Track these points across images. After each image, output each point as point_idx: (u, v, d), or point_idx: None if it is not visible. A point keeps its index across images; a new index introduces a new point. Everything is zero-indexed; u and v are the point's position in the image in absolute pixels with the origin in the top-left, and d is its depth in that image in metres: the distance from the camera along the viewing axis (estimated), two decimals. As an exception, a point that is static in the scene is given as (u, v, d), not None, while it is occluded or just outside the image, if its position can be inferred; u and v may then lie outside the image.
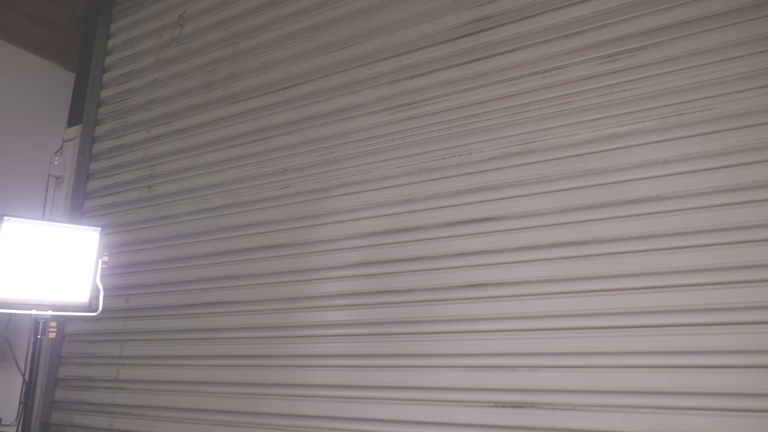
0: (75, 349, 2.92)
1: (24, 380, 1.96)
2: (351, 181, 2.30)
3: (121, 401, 2.67)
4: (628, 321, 1.71)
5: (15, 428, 2.66)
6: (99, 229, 2.10)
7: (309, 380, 2.20)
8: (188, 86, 2.89)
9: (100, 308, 2.06)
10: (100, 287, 2.06)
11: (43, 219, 1.94)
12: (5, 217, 1.90)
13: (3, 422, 2.90)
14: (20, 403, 2.00)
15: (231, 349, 2.42)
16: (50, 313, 1.96)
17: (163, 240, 2.77)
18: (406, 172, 2.19)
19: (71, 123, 3.46)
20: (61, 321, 2.98)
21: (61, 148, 3.42)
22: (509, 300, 1.90)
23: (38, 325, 1.95)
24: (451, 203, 2.07)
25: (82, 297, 2.02)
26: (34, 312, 1.93)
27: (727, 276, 1.62)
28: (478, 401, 1.88)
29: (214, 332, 2.49)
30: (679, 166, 1.74)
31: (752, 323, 1.56)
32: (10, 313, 1.99)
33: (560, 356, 1.79)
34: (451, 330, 1.97)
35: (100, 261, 2.06)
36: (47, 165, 3.34)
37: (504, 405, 1.83)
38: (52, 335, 1.99)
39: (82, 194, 3.16)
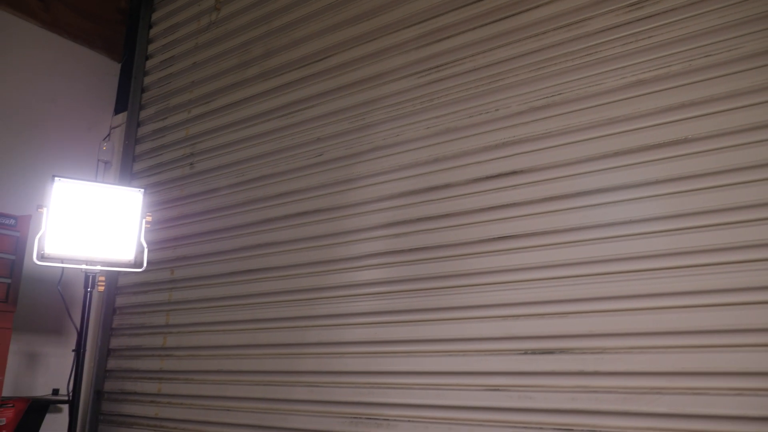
0: (125, 321, 3.06)
1: (76, 329, 2.08)
2: (381, 145, 2.36)
3: (168, 367, 2.79)
4: (655, 264, 1.71)
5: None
6: (142, 190, 2.21)
7: (345, 338, 2.26)
8: (225, 66, 3.00)
9: (145, 264, 2.17)
10: (144, 245, 2.16)
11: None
12: (56, 177, 2.03)
13: (60, 393, 3.07)
14: (74, 363, 2.12)
15: (270, 312, 2.50)
16: (99, 268, 2.08)
17: (205, 213, 2.88)
18: (434, 133, 2.23)
19: (118, 111, 3.62)
20: (112, 294, 3.13)
21: (108, 135, 3.59)
22: (536, 250, 1.92)
23: (88, 279, 2.07)
24: (478, 160, 2.10)
25: (128, 254, 2.13)
26: (84, 267, 2.06)
27: (756, 214, 1.60)
28: (508, 350, 1.90)
29: (254, 298, 2.57)
30: (706, 107, 1.73)
31: (783, 258, 1.55)
32: (63, 268, 2.11)
33: (588, 302, 1.79)
34: (481, 282, 2.00)
35: (143, 220, 2.17)
36: (96, 151, 3.51)
37: (534, 352, 1.85)
38: (101, 288, 2.10)
39: (129, 175, 3.30)
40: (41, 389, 3.08)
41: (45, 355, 3.17)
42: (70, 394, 2.05)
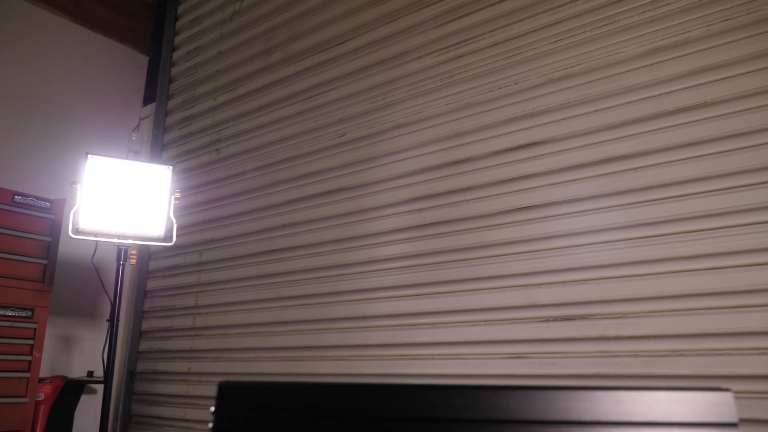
0: (155, 304, 3.14)
1: (110, 300, 2.15)
2: (402, 123, 2.39)
3: (197, 347, 2.86)
4: (675, 228, 1.72)
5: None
6: (171, 167, 2.28)
7: (369, 312, 2.30)
8: (249, 54, 3.06)
9: (174, 239, 2.23)
10: (173, 220, 2.23)
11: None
12: (89, 155, 2.11)
13: (94, 374, 3.17)
14: (108, 333, 2.20)
15: (295, 290, 2.56)
16: (130, 242, 2.15)
17: (231, 197, 2.94)
18: (454, 108, 2.25)
19: (146, 102, 3.72)
20: (144, 279, 3.22)
21: (138, 125, 3.69)
22: (557, 219, 1.93)
23: (120, 252, 2.15)
24: (498, 133, 2.13)
25: (158, 229, 2.20)
26: (116, 240, 2.13)
27: (778, 173, 1.60)
28: (530, 317, 1.92)
29: (280, 276, 2.63)
30: (725, 71, 1.73)
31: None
32: (96, 242, 2.19)
33: (608, 268, 1.81)
34: (502, 253, 2.02)
35: (172, 197, 2.24)
36: (126, 141, 3.61)
37: (555, 319, 1.87)
38: (133, 261, 2.18)
39: (158, 163, 3.39)
40: (76, 371, 3.18)
41: (80, 339, 3.27)
42: (105, 363, 2.12)
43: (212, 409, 0.45)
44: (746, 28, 1.71)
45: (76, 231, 2.05)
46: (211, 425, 0.44)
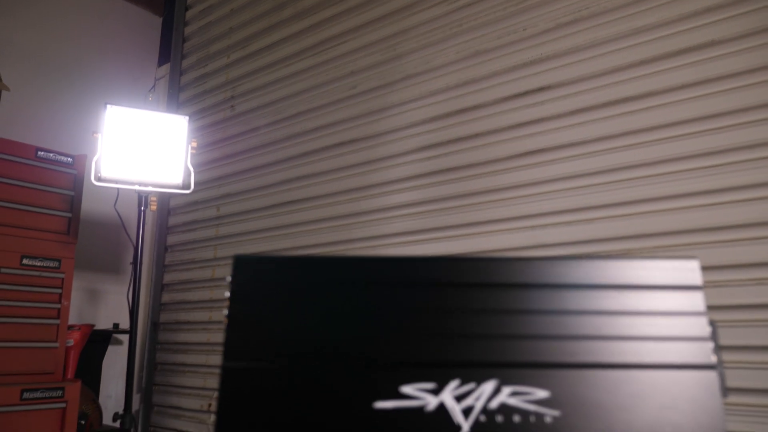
0: (176, 258, 3.25)
1: (133, 244, 2.25)
2: (412, 73, 2.42)
3: (216, 297, 2.96)
4: (679, 166, 1.75)
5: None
6: (187, 117, 2.34)
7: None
8: (261, 10, 3.09)
9: (192, 187, 2.31)
10: (191, 168, 2.31)
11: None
12: (108, 105, 2.18)
13: (120, 326, 3.29)
14: (132, 275, 2.30)
15: (310, 240, 2.63)
16: (150, 189, 2.23)
17: (246, 152, 3.01)
18: (463, 57, 2.28)
19: (161, 63, 3.78)
20: (164, 234, 3.32)
21: (153, 86, 3.75)
22: (564, 161, 1.97)
23: (141, 199, 2.24)
24: (507, 79, 2.16)
25: (176, 177, 2.28)
26: (137, 188, 2.22)
27: (781, 108, 1.62)
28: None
29: (295, 227, 2.71)
30: (732, 9, 1.74)
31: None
32: (118, 189, 2.28)
33: (613, 207, 1.85)
34: (511, 196, 2.07)
35: (189, 146, 2.31)
36: (143, 102, 3.68)
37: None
38: (153, 208, 2.26)
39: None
40: (102, 324, 3.31)
41: (105, 293, 3.39)
42: (130, 304, 2.22)
43: (228, 278, 0.50)
44: (753, -35, 1.71)
45: (99, 179, 2.14)
46: (227, 294, 0.49)
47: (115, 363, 3.28)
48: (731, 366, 1.57)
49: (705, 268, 1.42)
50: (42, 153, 2.55)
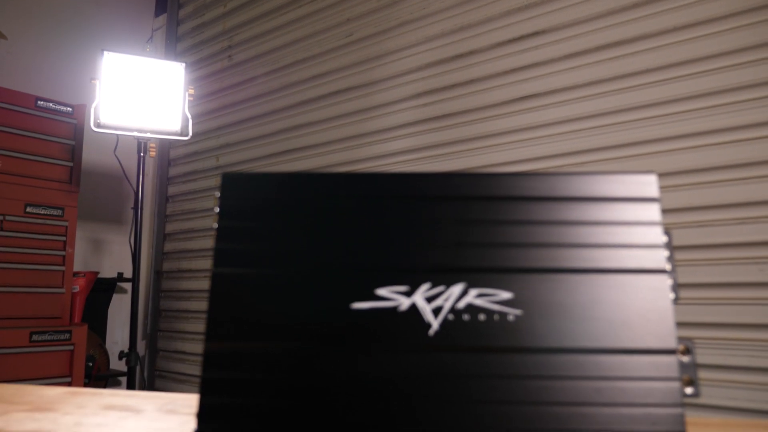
0: (177, 208, 3.30)
1: (134, 190, 2.29)
2: (409, 20, 2.41)
3: (218, 245, 3.01)
4: (671, 109, 1.77)
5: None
6: (184, 64, 2.35)
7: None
8: (257, -43, 3.05)
9: (190, 134, 2.34)
10: (188, 116, 2.33)
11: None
12: (105, 51, 2.19)
13: (124, 275, 3.36)
14: (133, 220, 2.34)
15: (309, 188, 2.66)
16: (149, 135, 2.26)
17: (245, 102, 3.02)
18: (459, 2, 2.27)
19: (158, 13, 3.74)
20: (165, 184, 3.35)
21: (151, 37, 3.72)
22: (559, 106, 1.99)
23: (140, 145, 2.27)
24: (501, 24, 2.15)
25: (175, 124, 2.30)
26: (135, 134, 2.24)
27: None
28: (530, 202, 2.01)
29: (294, 176, 2.73)
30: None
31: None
32: (117, 136, 2.30)
33: (605, 150, 1.88)
34: (504, 141, 2.10)
35: (186, 93, 2.32)
36: (141, 52, 3.65)
37: (554, 202, 1.95)
38: (153, 154, 2.29)
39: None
40: (106, 273, 3.38)
41: (108, 242, 3.45)
42: (132, 247, 2.28)
43: (217, 194, 0.53)
44: None
45: (98, 125, 2.16)
46: (217, 209, 0.52)
47: (120, 311, 3.36)
48: (712, 303, 1.62)
49: (692, 209, 1.46)
50: (41, 102, 2.56)
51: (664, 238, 0.54)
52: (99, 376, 2.85)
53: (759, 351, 1.54)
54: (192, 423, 0.40)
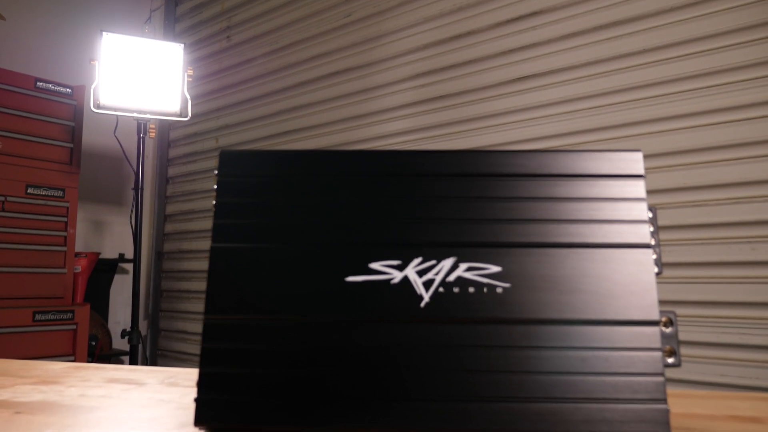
0: (177, 189, 3.31)
1: (134, 171, 2.30)
2: (407, 0, 2.40)
3: (219, 226, 3.03)
4: (666, 89, 1.77)
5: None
6: (182, 45, 2.35)
7: (377, 186, 2.42)
8: (255, -64, 3.03)
9: (189, 115, 2.34)
10: (188, 97, 2.33)
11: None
12: (104, 32, 2.19)
13: (125, 257, 3.38)
14: (134, 201, 2.36)
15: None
16: (148, 116, 2.27)
17: (244, 83, 3.02)
18: (458, -18, 2.26)
19: (156, -7, 3.71)
20: (165, 166, 3.36)
21: (150, 17, 3.70)
22: (554, 87, 1.99)
23: (140, 126, 2.28)
24: (499, 4, 2.15)
25: (174, 105, 2.31)
26: (135, 115, 2.25)
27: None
28: (527, 183, 2.02)
29: (293, 157, 2.74)
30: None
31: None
32: (117, 116, 2.31)
33: (601, 131, 1.89)
34: (502, 122, 2.11)
35: (185, 74, 2.32)
36: (139, 33, 3.64)
37: (551, 183, 1.97)
38: (152, 135, 2.31)
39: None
40: (108, 254, 3.40)
41: (109, 224, 3.47)
42: (133, 227, 2.30)
43: (216, 171, 0.54)
44: None
45: (97, 106, 2.17)
46: (215, 186, 0.53)
47: (122, 291, 3.39)
48: (704, 281, 1.64)
49: (686, 188, 1.47)
50: (41, 83, 2.56)
51: (648, 214, 0.55)
52: (102, 356, 2.88)
53: (749, 328, 1.56)
54: (193, 394, 0.42)
